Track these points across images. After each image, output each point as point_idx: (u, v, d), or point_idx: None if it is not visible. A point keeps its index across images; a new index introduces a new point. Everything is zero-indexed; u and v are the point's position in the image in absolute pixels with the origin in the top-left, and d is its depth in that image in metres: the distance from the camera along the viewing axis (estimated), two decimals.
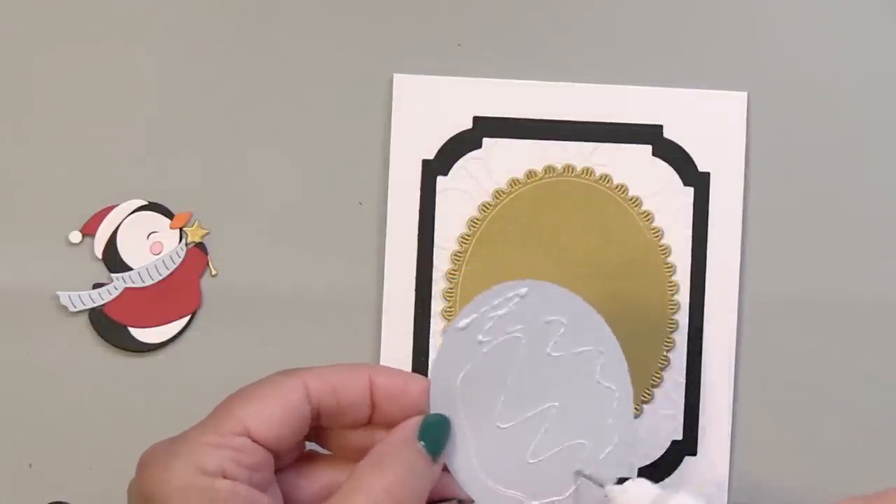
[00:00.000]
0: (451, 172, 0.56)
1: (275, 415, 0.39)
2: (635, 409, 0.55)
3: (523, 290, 0.42)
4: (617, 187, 0.56)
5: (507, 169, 0.56)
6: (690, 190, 0.56)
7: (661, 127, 0.56)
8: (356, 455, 0.41)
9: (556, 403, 0.43)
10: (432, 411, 0.41)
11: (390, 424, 0.41)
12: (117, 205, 0.56)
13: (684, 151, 0.56)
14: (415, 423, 0.41)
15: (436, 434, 0.41)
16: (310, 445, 0.44)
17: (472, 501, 0.42)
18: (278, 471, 0.41)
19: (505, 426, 0.42)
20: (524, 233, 0.56)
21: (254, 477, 0.39)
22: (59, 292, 0.55)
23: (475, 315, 0.42)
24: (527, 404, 0.42)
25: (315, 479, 0.42)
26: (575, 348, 0.43)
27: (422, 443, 0.40)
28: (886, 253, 0.56)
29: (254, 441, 0.39)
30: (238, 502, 0.38)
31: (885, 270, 0.56)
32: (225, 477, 0.38)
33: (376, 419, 0.42)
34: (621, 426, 0.43)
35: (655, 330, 0.55)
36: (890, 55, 0.56)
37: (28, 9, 0.56)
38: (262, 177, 0.56)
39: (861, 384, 0.56)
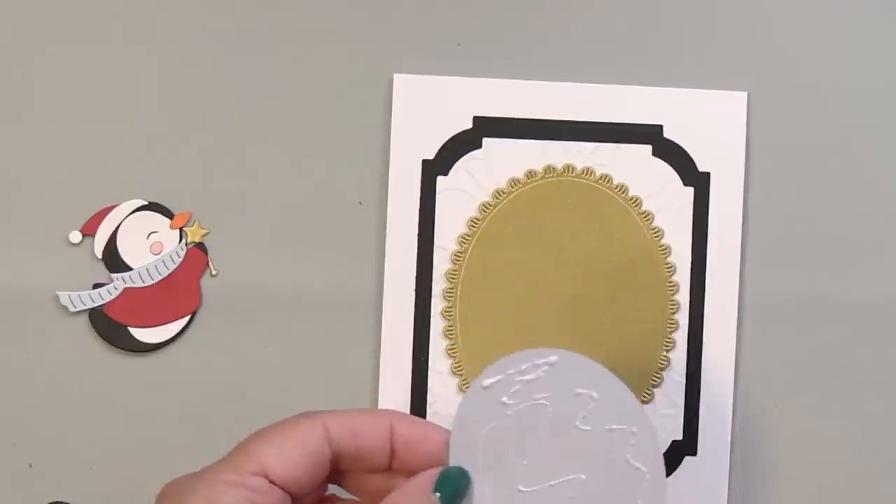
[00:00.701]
0: (451, 172, 0.56)
1: (293, 456, 0.39)
2: None
3: (553, 359, 0.42)
4: (617, 187, 0.56)
5: (507, 169, 0.56)
6: (690, 190, 0.56)
7: (661, 127, 0.56)
8: (376, 499, 0.41)
9: (583, 476, 0.41)
10: (451, 464, 0.41)
11: (410, 472, 0.41)
12: (117, 205, 0.56)
13: (684, 151, 0.56)
14: (432, 474, 0.40)
15: (453, 488, 0.40)
16: (333, 488, 0.43)
17: None
18: None
19: (526, 490, 0.41)
20: (524, 233, 0.56)
21: None
22: (59, 292, 0.55)
23: (501, 376, 0.41)
24: (551, 472, 0.41)
25: None
26: (606, 425, 0.42)
27: (437, 495, 0.40)
28: (886, 253, 0.56)
29: (271, 482, 0.39)
30: None
31: (886, 270, 0.56)
32: None
33: (396, 466, 0.41)
34: None
35: (655, 330, 0.55)
36: (890, 55, 0.56)
37: (28, 9, 0.56)
38: (262, 177, 0.56)
39: (861, 384, 0.56)
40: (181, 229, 0.56)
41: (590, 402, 0.42)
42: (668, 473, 0.55)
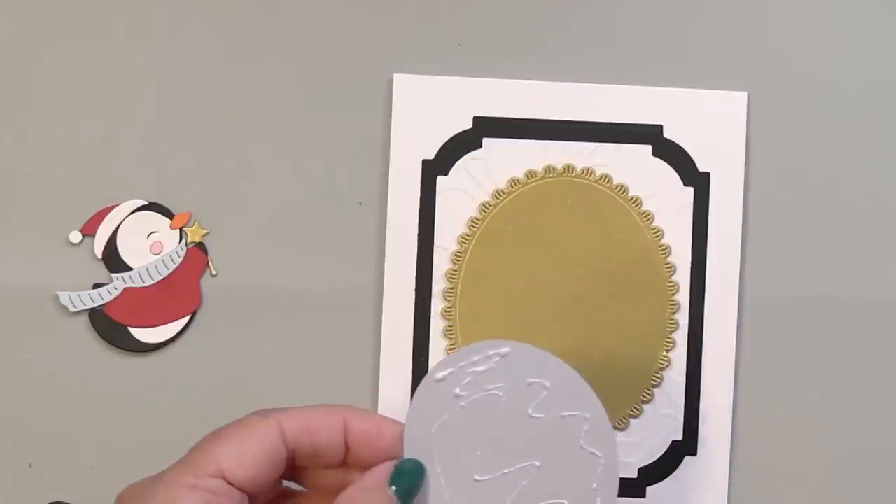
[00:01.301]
0: (451, 172, 0.56)
1: (250, 457, 0.40)
2: (635, 408, 0.55)
3: (505, 350, 0.42)
4: (617, 187, 0.56)
5: (507, 169, 0.56)
6: (690, 190, 0.56)
7: (661, 127, 0.56)
8: (332, 493, 0.41)
9: (537, 463, 0.42)
10: (406, 457, 0.41)
11: (365, 467, 0.41)
12: (117, 205, 0.56)
13: (684, 151, 0.56)
14: (387, 468, 0.41)
15: (408, 481, 0.41)
16: (287, 483, 0.44)
17: None
18: None
19: (481, 479, 0.42)
20: (524, 233, 0.56)
21: None
22: (59, 292, 0.55)
23: (452, 369, 0.42)
24: (505, 460, 0.42)
25: None
26: (558, 412, 0.42)
27: (393, 488, 0.40)
28: (886, 253, 0.56)
29: (229, 483, 0.39)
30: None
31: (886, 270, 0.56)
32: None
33: (351, 461, 0.42)
34: (605, 492, 0.43)
35: (655, 330, 0.55)
36: (890, 55, 0.56)
37: (28, 9, 0.56)
38: (262, 177, 0.56)
39: (861, 384, 0.56)
40: (181, 229, 0.56)
41: (542, 390, 0.42)
42: (668, 473, 0.55)
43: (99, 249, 0.55)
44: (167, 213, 0.56)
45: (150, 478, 0.40)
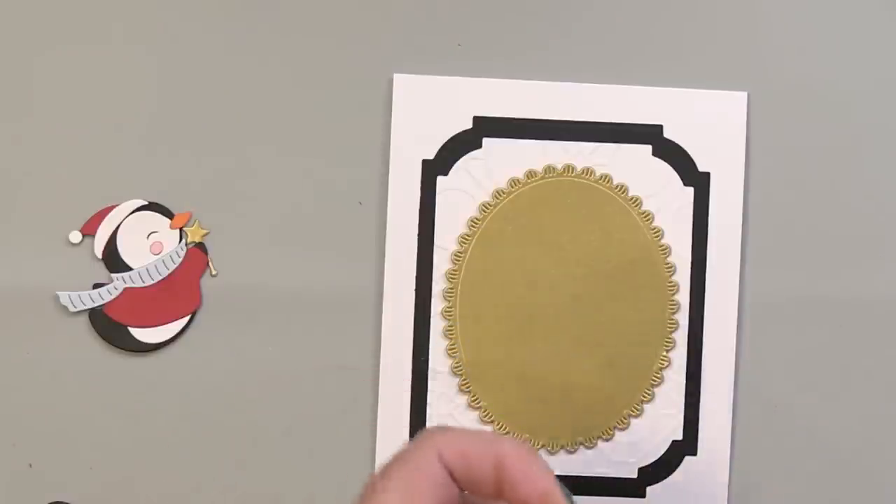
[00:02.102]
0: (451, 172, 0.56)
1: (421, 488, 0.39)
2: (635, 408, 0.55)
3: None
4: (617, 187, 0.56)
5: (507, 169, 0.56)
6: (690, 190, 0.56)
7: (661, 127, 0.56)
8: None
9: None
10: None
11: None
12: (117, 205, 0.56)
13: (684, 151, 0.56)
14: None
15: None
16: None
17: None
18: None
19: None
20: (524, 233, 0.56)
21: None
22: (59, 292, 0.55)
23: None
24: None
25: None
26: None
27: None
28: (886, 253, 0.56)
29: None
30: None
31: (885, 270, 0.56)
32: None
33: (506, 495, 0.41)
34: None
35: (655, 330, 0.55)
36: (890, 55, 0.56)
37: (28, 9, 0.56)
38: (262, 177, 0.56)
39: (861, 384, 0.56)
40: (181, 229, 0.56)
41: None
42: (668, 473, 0.55)
43: (99, 249, 0.55)
44: (167, 213, 0.56)
45: None
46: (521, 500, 0.40)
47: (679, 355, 0.55)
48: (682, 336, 0.55)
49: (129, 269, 0.55)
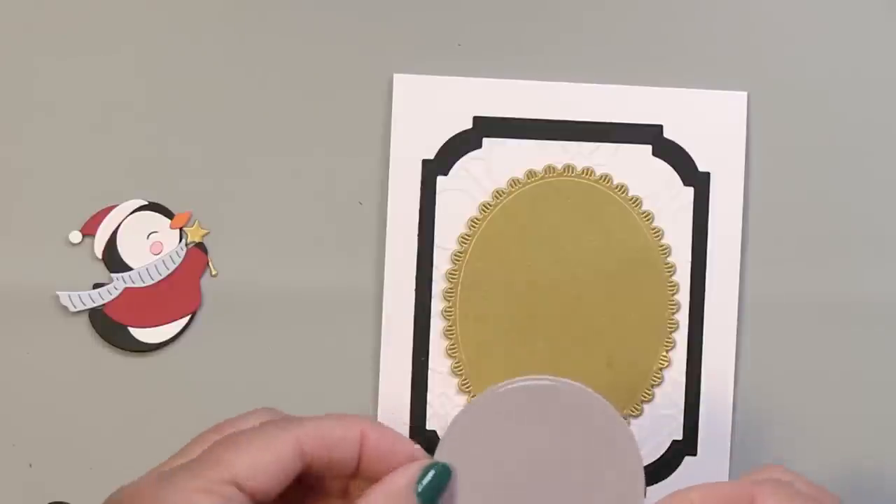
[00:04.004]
0: (451, 172, 0.56)
1: (267, 469, 0.39)
2: (635, 408, 0.55)
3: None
4: (617, 187, 0.56)
5: (507, 169, 0.56)
6: (690, 190, 0.56)
7: (661, 127, 0.56)
8: (336, 496, 0.41)
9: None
10: (437, 460, 0.40)
11: (374, 479, 0.41)
12: (117, 205, 0.56)
13: (684, 151, 0.56)
14: (416, 469, 0.40)
15: (435, 483, 0.40)
16: None
17: None
18: None
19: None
20: (524, 233, 0.56)
21: None
22: (59, 292, 0.55)
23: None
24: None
25: None
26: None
27: (419, 486, 0.40)
28: (886, 253, 0.56)
29: (241, 491, 0.39)
30: None
31: (886, 270, 0.56)
32: None
33: (362, 472, 0.41)
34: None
35: (655, 330, 0.55)
36: (890, 55, 0.56)
37: (28, 9, 0.56)
38: (262, 177, 0.56)
39: (861, 384, 0.56)
40: (181, 229, 0.56)
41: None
42: (668, 473, 0.55)
43: (99, 249, 0.55)
44: (167, 213, 0.56)
45: (155, 477, 0.40)
46: (385, 470, 0.40)
47: (679, 355, 0.55)
48: (682, 336, 0.55)
49: (129, 269, 0.55)
